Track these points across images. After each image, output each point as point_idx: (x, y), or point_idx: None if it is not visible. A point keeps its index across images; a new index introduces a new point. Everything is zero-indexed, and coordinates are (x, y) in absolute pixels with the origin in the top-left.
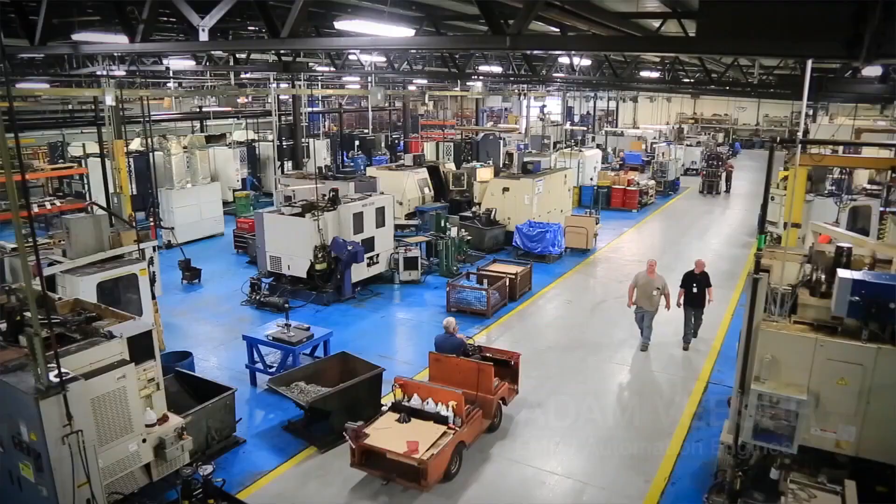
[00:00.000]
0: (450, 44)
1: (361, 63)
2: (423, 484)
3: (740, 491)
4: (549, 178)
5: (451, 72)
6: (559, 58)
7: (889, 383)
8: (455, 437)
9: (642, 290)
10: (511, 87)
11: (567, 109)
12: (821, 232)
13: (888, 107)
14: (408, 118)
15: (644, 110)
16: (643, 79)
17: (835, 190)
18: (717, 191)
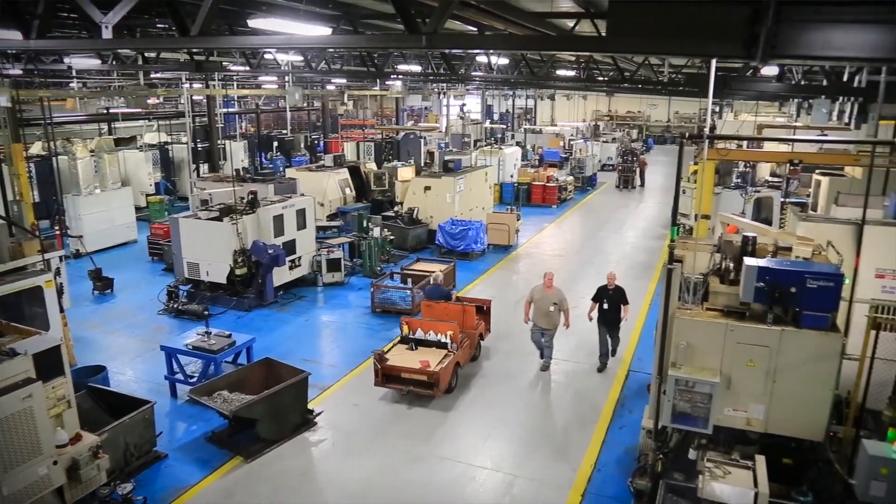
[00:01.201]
0: (366, 43)
1: (278, 62)
2: (435, 391)
3: (662, 472)
4: (470, 177)
5: (370, 71)
6: (477, 57)
7: (792, 363)
8: (454, 358)
9: (538, 306)
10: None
11: (486, 108)
12: (728, 223)
13: (785, 104)
14: (327, 118)
15: (561, 108)
16: (559, 77)
17: (740, 182)
18: (633, 185)
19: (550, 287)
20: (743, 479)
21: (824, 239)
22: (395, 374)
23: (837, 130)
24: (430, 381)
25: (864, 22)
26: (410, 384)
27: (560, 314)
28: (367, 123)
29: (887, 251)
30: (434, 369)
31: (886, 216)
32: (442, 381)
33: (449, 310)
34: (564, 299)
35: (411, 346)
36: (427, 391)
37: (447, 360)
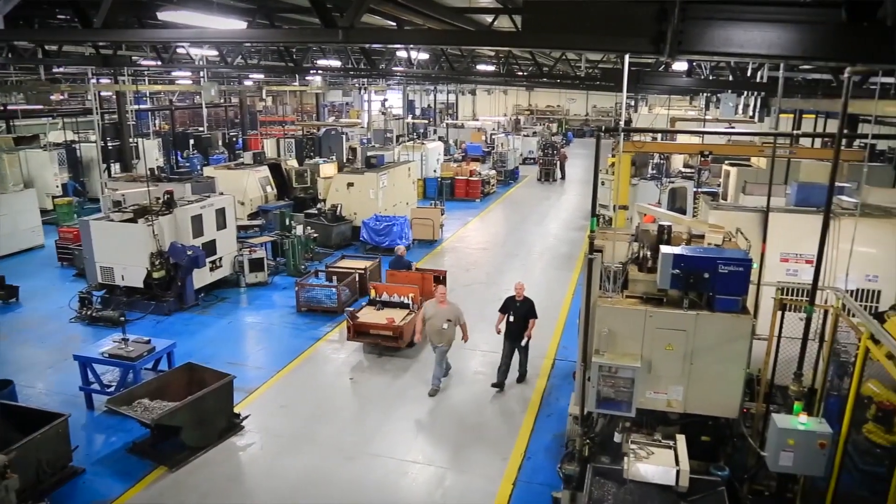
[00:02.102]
0: (282, 37)
1: (191, 57)
2: (399, 342)
3: (589, 457)
4: (393, 172)
5: (289, 66)
6: (397, 52)
7: (707, 345)
8: (415, 316)
9: (432, 323)
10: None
11: (408, 103)
12: (645, 212)
13: (695, 98)
14: (245, 115)
15: (482, 103)
16: (480, 72)
17: (656, 174)
18: (554, 178)
19: (444, 302)
20: (665, 458)
21: (734, 226)
22: (365, 329)
23: (743, 123)
24: (395, 335)
25: (761, 21)
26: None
27: (456, 329)
28: (288, 120)
29: (790, 236)
30: (398, 324)
31: (788, 203)
32: (405, 334)
33: (410, 277)
34: (460, 314)
35: (378, 306)
36: (392, 343)
37: (409, 316)
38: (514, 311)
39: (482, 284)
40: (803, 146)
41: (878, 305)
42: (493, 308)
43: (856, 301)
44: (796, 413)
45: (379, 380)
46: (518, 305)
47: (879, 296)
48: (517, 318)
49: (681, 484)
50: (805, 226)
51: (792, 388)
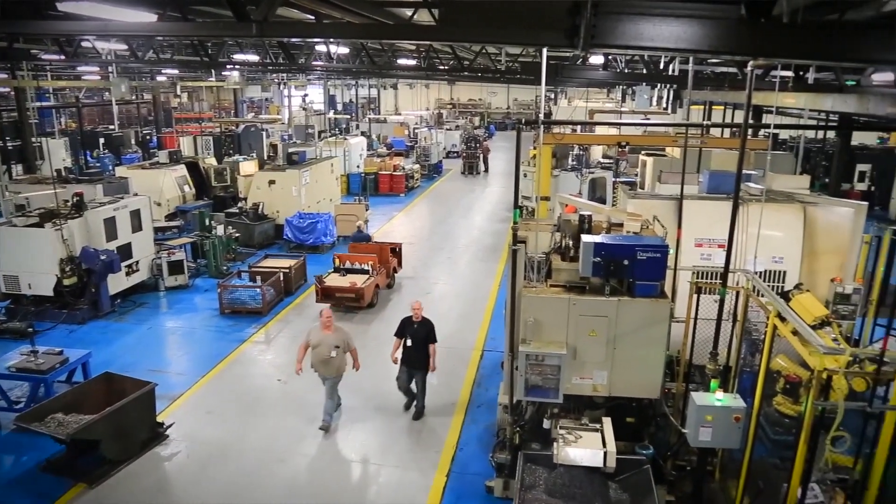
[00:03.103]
0: (193, 31)
1: (98, 51)
2: (361, 302)
3: (520, 444)
4: (315, 168)
5: (204, 61)
6: (317, 46)
7: (628, 330)
8: (374, 280)
9: (317, 351)
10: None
11: (329, 98)
12: (566, 203)
13: (612, 90)
14: (159, 112)
15: (405, 97)
16: (401, 66)
17: (576, 165)
18: (477, 171)
19: (329, 328)
20: (593, 441)
21: (651, 214)
22: (331, 292)
23: (658, 114)
24: (357, 296)
25: (669, 16)
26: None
27: (346, 357)
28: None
29: (704, 222)
30: (359, 286)
31: (701, 191)
32: (366, 296)
33: (369, 248)
34: (349, 339)
35: (342, 273)
36: (355, 304)
37: (369, 280)
38: (412, 334)
39: (409, 279)
40: (713, 136)
41: (784, 285)
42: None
43: (764, 282)
44: (713, 390)
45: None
46: (416, 328)
47: (785, 276)
48: (416, 342)
49: (608, 465)
50: (717, 212)
51: (708, 366)
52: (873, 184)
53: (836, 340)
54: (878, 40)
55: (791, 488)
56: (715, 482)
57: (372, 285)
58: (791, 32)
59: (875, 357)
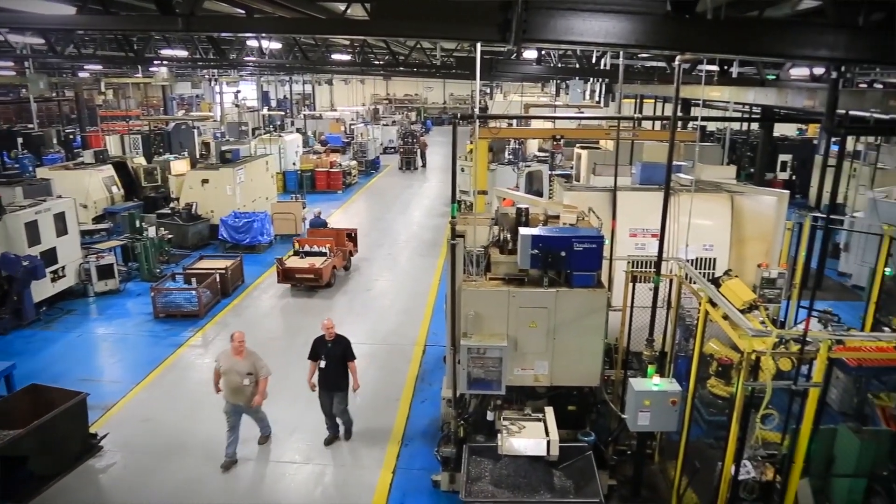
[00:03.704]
0: (115, 24)
1: (11, 44)
2: (320, 281)
3: (465, 437)
4: (250, 166)
5: (129, 56)
6: (248, 41)
7: (567, 320)
8: (331, 262)
9: (228, 378)
10: (200, 73)
11: (263, 94)
12: (504, 196)
13: (547, 84)
14: (83, 109)
15: (340, 92)
16: (335, 62)
17: (513, 158)
18: (415, 166)
19: (241, 353)
20: (536, 430)
21: (586, 206)
22: (291, 273)
23: (591, 108)
24: (316, 276)
25: (598, 11)
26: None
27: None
28: (132, 114)
29: (637, 213)
30: (318, 267)
31: (634, 182)
32: (324, 276)
33: (327, 233)
34: (261, 366)
35: (302, 255)
36: (315, 283)
37: (327, 262)
38: (327, 354)
39: (351, 277)
40: (645, 129)
41: (714, 272)
42: (362, 299)
43: (695, 269)
44: (650, 376)
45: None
46: (330, 347)
47: (715, 263)
48: (331, 362)
49: (552, 453)
50: (649, 202)
51: (645, 353)
52: (794, 173)
53: (763, 323)
54: (794, 37)
55: (725, 466)
56: (655, 464)
57: (329, 266)
58: (714, 28)
59: (799, 338)
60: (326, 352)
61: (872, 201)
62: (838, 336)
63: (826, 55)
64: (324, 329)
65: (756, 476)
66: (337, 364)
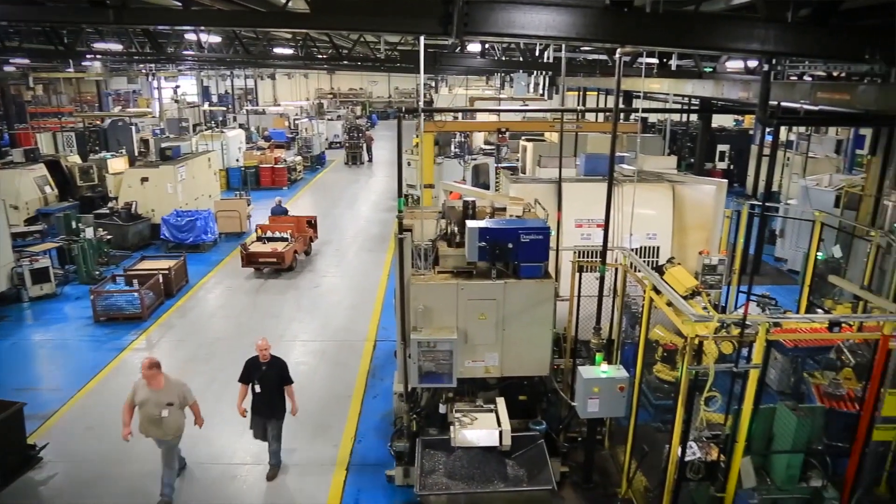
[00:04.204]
0: (39, 16)
1: None
2: (282, 265)
3: (418, 431)
4: (191, 163)
5: (59, 50)
6: (186, 34)
7: (516, 311)
8: (292, 246)
9: (145, 411)
10: (137, 67)
11: (203, 89)
12: (450, 190)
13: (491, 77)
14: (10, 106)
15: (283, 87)
16: (278, 55)
17: (459, 152)
18: (361, 161)
19: (159, 382)
20: (488, 421)
21: (532, 197)
22: (255, 258)
23: (535, 101)
24: (278, 260)
25: (538, 4)
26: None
27: (184, 413)
28: (65, 111)
29: (582, 204)
30: (280, 251)
31: (579, 174)
32: (286, 259)
33: (287, 220)
34: (186, 392)
35: (264, 241)
36: (278, 266)
37: (288, 246)
38: (261, 378)
39: (297, 274)
40: (588, 121)
41: (658, 260)
42: (311, 296)
43: (640, 258)
44: (598, 363)
45: (197, 379)
46: (265, 370)
47: (658, 251)
48: (266, 387)
49: (504, 443)
50: (594, 193)
51: (593, 341)
52: (732, 163)
53: (705, 309)
54: (727, 30)
55: (672, 448)
56: (605, 450)
57: (291, 250)
58: (653, 22)
59: (739, 322)
60: (261, 375)
61: (805, 189)
62: (775, 319)
63: (758, 48)
64: (258, 350)
65: (701, 456)
66: (272, 389)
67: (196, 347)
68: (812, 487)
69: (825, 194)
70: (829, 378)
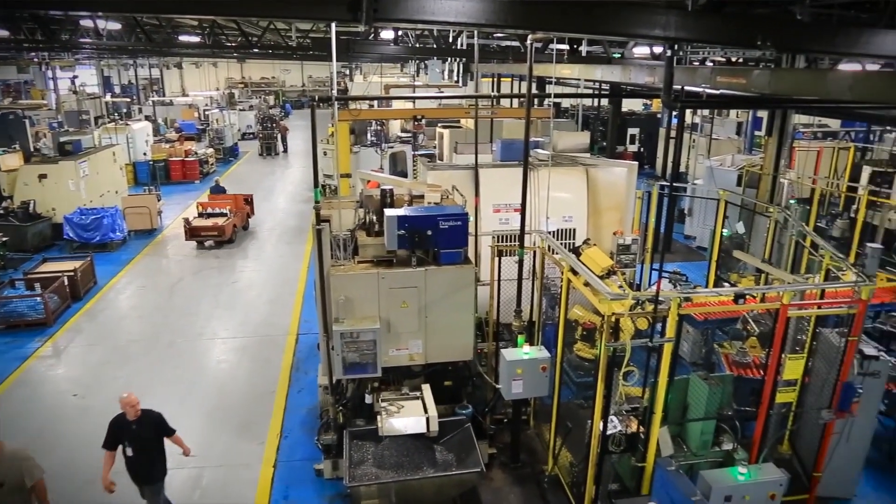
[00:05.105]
0: None
1: None
2: (223, 237)
3: (344, 423)
4: (94, 158)
5: None
6: (81, 21)
7: (438, 297)
8: (232, 220)
9: None
10: (28, 55)
11: (105, 80)
12: (368, 179)
13: (406, 65)
14: None
15: (191, 77)
16: (183, 44)
17: (375, 140)
18: (276, 152)
19: None
20: (415, 409)
21: (450, 184)
22: (197, 231)
23: (450, 87)
24: (219, 233)
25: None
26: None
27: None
28: None
29: (499, 189)
30: (221, 225)
31: (495, 159)
32: (226, 232)
33: (226, 197)
34: (27, 469)
35: (205, 217)
36: (219, 239)
37: (228, 220)
38: (133, 438)
39: (213, 269)
40: (503, 107)
41: (574, 241)
42: (229, 292)
43: (557, 240)
44: (520, 345)
45: (109, 389)
46: (135, 429)
47: (574, 233)
48: (140, 448)
49: (432, 429)
50: (510, 178)
51: (514, 323)
52: (642, 145)
53: (621, 287)
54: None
55: (594, 423)
56: (531, 429)
57: (230, 224)
58: (561, 8)
59: (652, 298)
60: (132, 436)
61: (709, 169)
62: (686, 294)
63: (660, 34)
64: (124, 406)
65: (622, 429)
66: (149, 449)
67: (109, 351)
68: (724, 451)
69: (728, 174)
70: (736, 347)
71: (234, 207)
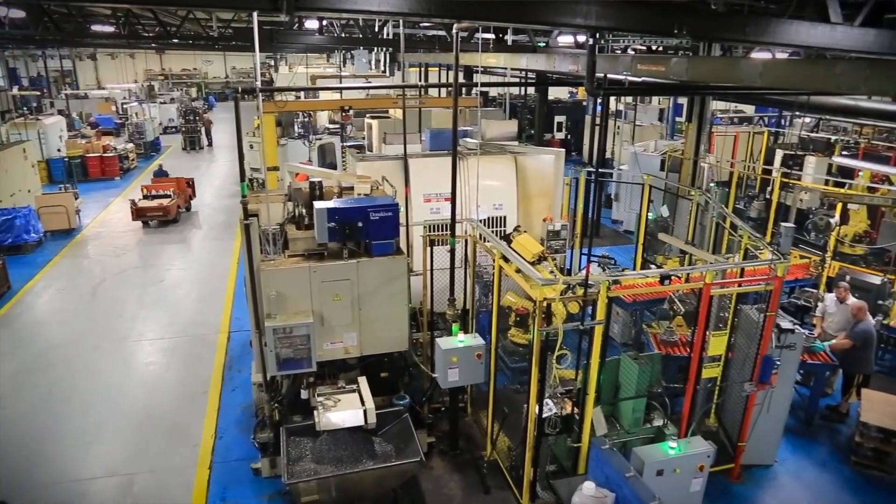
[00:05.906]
0: None
1: None
2: (168, 216)
3: (280, 420)
4: (2, 156)
5: None
6: None
7: (371, 289)
8: (175, 202)
9: None
10: None
11: (10, 71)
12: (296, 171)
13: (332, 55)
14: None
15: (107, 69)
16: (96, 33)
17: (303, 132)
18: (200, 146)
19: None
20: (351, 402)
21: (380, 175)
22: (144, 212)
23: (378, 77)
24: (164, 213)
25: None
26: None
27: None
28: None
29: (429, 178)
30: (166, 205)
31: (424, 149)
32: (171, 211)
33: (169, 181)
34: None
35: (150, 198)
36: (164, 218)
37: (172, 201)
38: None
39: (137, 269)
40: (431, 96)
41: (505, 229)
42: (155, 292)
43: (488, 228)
44: (455, 334)
45: (34, 394)
46: None
47: (505, 220)
48: None
49: (369, 422)
50: (440, 168)
51: (448, 312)
52: (569, 133)
53: (552, 273)
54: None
55: (530, 407)
56: (468, 416)
57: (174, 205)
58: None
59: (582, 282)
60: None
61: (634, 155)
62: (614, 277)
63: (581, 23)
64: None
65: (557, 411)
66: None
67: (29, 359)
68: (655, 427)
69: (652, 159)
70: (664, 327)
71: (177, 189)
